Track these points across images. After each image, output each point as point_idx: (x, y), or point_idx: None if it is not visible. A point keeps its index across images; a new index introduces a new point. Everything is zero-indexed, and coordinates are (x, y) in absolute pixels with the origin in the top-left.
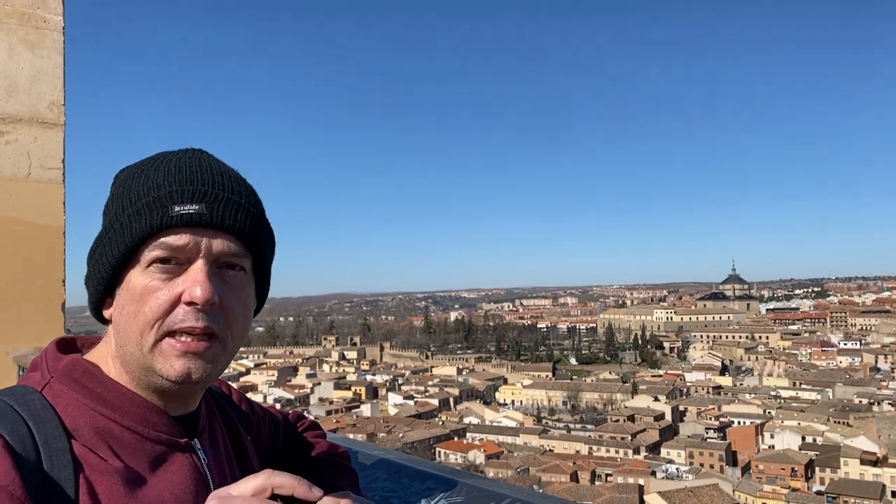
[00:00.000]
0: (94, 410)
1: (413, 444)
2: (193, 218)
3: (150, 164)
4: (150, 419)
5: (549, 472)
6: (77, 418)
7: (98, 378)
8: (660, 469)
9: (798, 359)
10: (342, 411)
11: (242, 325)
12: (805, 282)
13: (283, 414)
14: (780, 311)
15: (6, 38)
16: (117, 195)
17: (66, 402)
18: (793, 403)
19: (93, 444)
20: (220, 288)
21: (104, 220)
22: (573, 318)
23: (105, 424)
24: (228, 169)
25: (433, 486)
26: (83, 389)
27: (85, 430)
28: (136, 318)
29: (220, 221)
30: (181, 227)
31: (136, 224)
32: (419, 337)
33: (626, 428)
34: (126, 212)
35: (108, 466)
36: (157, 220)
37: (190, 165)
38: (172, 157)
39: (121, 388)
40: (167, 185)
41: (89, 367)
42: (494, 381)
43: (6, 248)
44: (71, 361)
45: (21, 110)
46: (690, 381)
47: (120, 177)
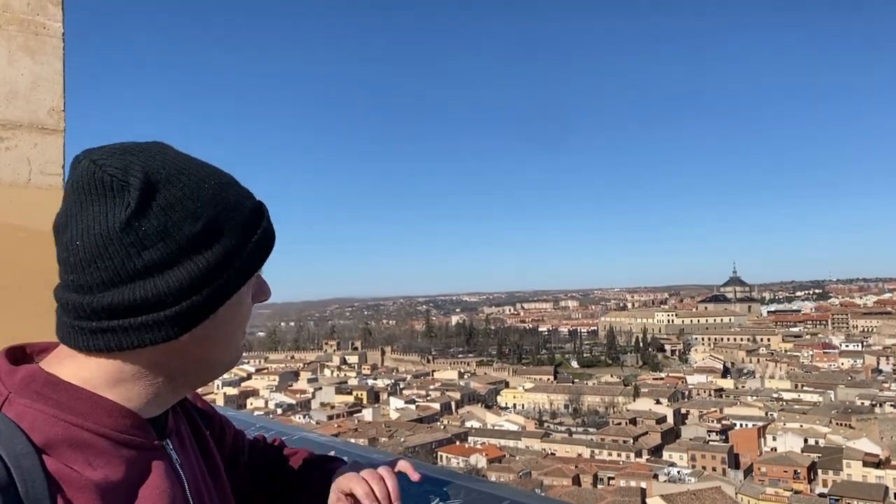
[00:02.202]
0: (64, 421)
1: (415, 448)
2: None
3: (225, 183)
4: (123, 423)
5: (551, 476)
6: (47, 432)
7: (62, 386)
8: (662, 472)
9: (800, 361)
10: (344, 416)
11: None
12: (806, 283)
13: (257, 438)
14: (782, 314)
15: (6, 45)
16: (225, 231)
17: (33, 417)
18: (795, 405)
19: (66, 457)
20: None
21: (210, 247)
22: (574, 322)
23: (77, 434)
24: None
25: (430, 489)
26: (48, 400)
27: (57, 444)
28: (241, 330)
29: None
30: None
31: (258, 257)
32: (420, 341)
33: (628, 431)
34: (246, 247)
35: (85, 479)
36: (267, 253)
37: (228, 177)
38: (215, 173)
39: (89, 394)
40: (259, 209)
41: (50, 377)
42: (496, 384)
43: (6, 255)
44: (29, 373)
45: (21, 116)
46: (692, 384)
47: (197, 194)
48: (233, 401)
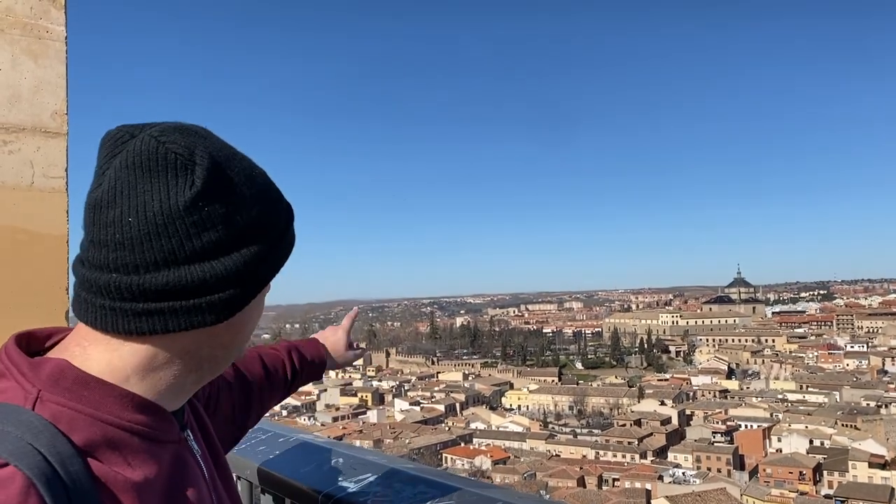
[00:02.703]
0: (101, 421)
1: (420, 449)
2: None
3: (267, 175)
4: (154, 420)
5: (556, 477)
6: (86, 433)
7: (93, 384)
8: (667, 473)
9: (805, 362)
10: (348, 417)
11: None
12: (811, 284)
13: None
14: (786, 315)
15: (9, 49)
16: (250, 199)
17: (70, 418)
18: (800, 407)
19: (108, 458)
20: None
21: (262, 235)
22: (578, 323)
23: (114, 434)
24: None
25: (425, 491)
26: (81, 398)
27: (97, 445)
28: (254, 325)
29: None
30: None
31: (289, 252)
32: (425, 343)
33: (633, 432)
34: (284, 240)
35: (127, 480)
36: (290, 248)
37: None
38: (244, 157)
39: (120, 391)
40: (284, 201)
41: (79, 373)
42: (500, 386)
43: (9, 257)
44: (57, 368)
45: (24, 120)
46: (697, 385)
47: (251, 183)
48: None
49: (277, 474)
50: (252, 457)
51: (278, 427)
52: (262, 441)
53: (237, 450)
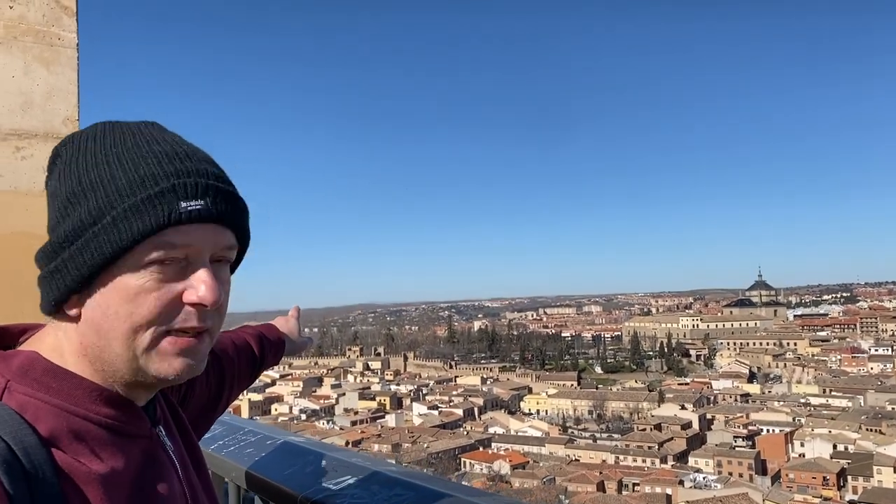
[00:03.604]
0: (67, 412)
1: (438, 454)
2: (201, 214)
3: (127, 147)
4: (124, 414)
5: (576, 482)
6: (52, 424)
7: (62, 375)
8: (688, 478)
9: (828, 365)
10: (367, 422)
11: (225, 316)
12: (833, 287)
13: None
14: (809, 318)
15: (22, 56)
16: (92, 182)
17: (36, 408)
18: (823, 411)
19: (73, 450)
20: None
21: (71, 208)
22: (598, 327)
23: (81, 426)
24: (203, 151)
25: (401, 493)
26: (49, 390)
27: (63, 436)
28: (130, 319)
29: (222, 216)
30: (185, 223)
31: (137, 221)
32: (443, 347)
33: (653, 437)
34: (118, 206)
35: (93, 473)
36: (163, 218)
37: (177, 152)
38: (151, 140)
39: (90, 384)
40: (165, 176)
41: (49, 364)
42: (519, 390)
43: (22, 262)
44: (27, 359)
45: (36, 126)
46: (718, 389)
47: (72, 155)
48: (258, 407)
49: (261, 476)
50: (239, 459)
51: (266, 428)
52: (249, 443)
53: (225, 452)
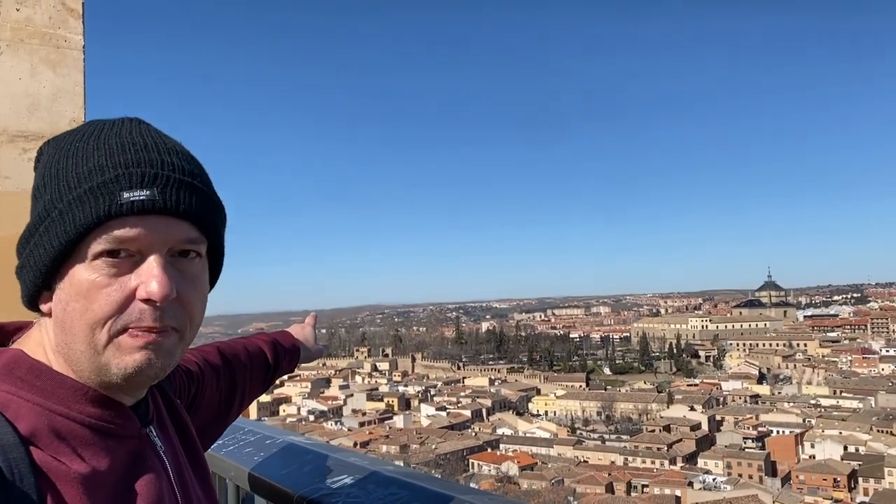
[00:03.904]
0: (49, 411)
1: (446, 455)
2: (145, 205)
3: (85, 139)
4: (109, 414)
5: (584, 484)
6: (32, 422)
7: (47, 374)
8: (697, 480)
9: (838, 366)
10: (375, 423)
11: (200, 313)
12: (844, 287)
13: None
14: (819, 318)
15: (28, 58)
16: (50, 176)
17: (18, 406)
18: (833, 412)
19: (53, 449)
20: (176, 279)
21: (35, 204)
22: (606, 328)
23: (64, 425)
24: (174, 143)
25: (396, 492)
26: (33, 388)
27: (43, 435)
28: (84, 315)
29: (173, 207)
30: (131, 215)
31: (79, 213)
32: (451, 348)
33: (662, 438)
34: (65, 198)
35: (72, 472)
36: (103, 208)
37: (134, 143)
38: (111, 133)
39: (74, 384)
40: (112, 167)
41: (34, 363)
42: (527, 391)
43: None
44: (12, 358)
45: (43, 128)
46: (727, 390)
47: (48, 152)
48: (266, 408)
49: (260, 476)
50: (239, 459)
51: (266, 428)
52: (249, 443)
53: (225, 452)
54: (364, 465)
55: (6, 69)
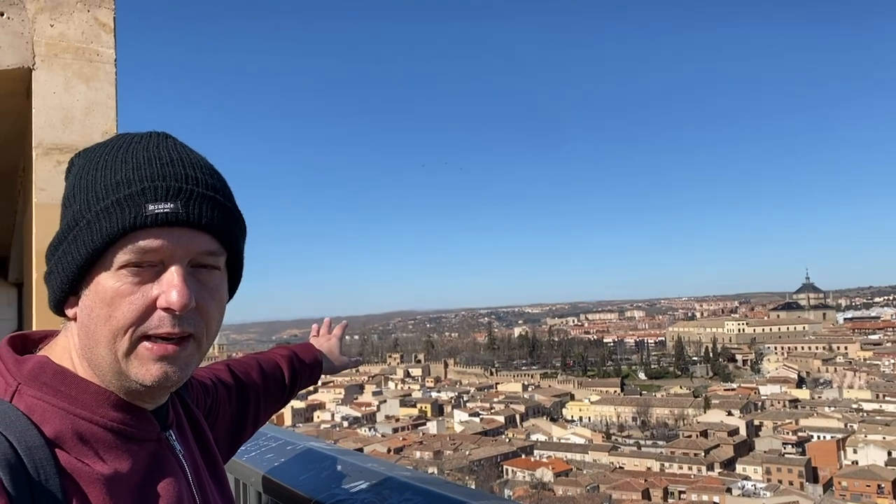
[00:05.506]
0: (73, 415)
1: (480, 461)
2: (168, 217)
3: (114, 152)
4: (131, 418)
5: (620, 490)
6: (57, 426)
7: (71, 379)
8: (736, 486)
9: (880, 370)
10: (408, 429)
11: (217, 324)
12: (885, 289)
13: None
14: (859, 321)
15: (62, 73)
16: (80, 187)
17: (43, 410)
18: (876, 417)
19: (77, 451)
20: (195, 290)
21: (65, 213)
22: (641, 332)
23: (87, 429)
24: (198, 158)
25: (410, 498)
26: (58, 393)
27: (67, 438)
28: (108, 322)
29: (196, 220)
30: (155, 227)
31: (106, 223)
32: (483, 353)
33: (699, 444)
34: (93, 209)
35: (96, 474)
36: (129, 220)
37: (160, 157)
38: (138, 146)
39: (97, 389)
40: (138, 180)
41: (59, 368)
42: (561, 397)
43: None
44: (38, 364)
45: (77, 140)
46: (765, 395)
47: (78, 164)
48: (300, 414)
49: (278, 481)
50: (259, 464)
51: (287, 434)
52: (270, 448)
53: (246, 458)
54: (380, 471)
55: (41, 83)
